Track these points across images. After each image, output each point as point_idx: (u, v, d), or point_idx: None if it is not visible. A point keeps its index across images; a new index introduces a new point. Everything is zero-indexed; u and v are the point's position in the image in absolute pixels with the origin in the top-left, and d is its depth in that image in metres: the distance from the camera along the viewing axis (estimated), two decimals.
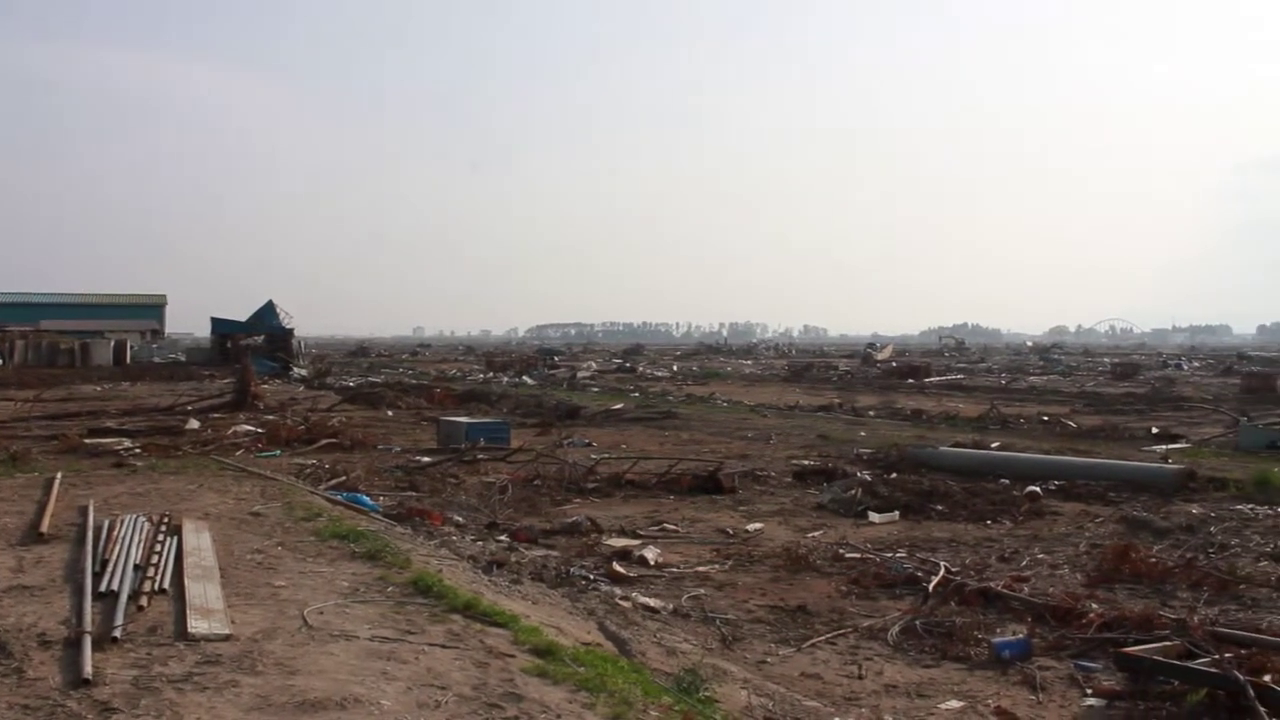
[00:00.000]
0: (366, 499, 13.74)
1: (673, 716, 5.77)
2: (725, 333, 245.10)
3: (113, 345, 65.50)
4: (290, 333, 64.09)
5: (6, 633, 6.80)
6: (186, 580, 8.08)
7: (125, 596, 7.56)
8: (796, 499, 15.37)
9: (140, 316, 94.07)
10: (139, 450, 18.96)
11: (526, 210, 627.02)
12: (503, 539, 12.12)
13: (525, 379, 50.72)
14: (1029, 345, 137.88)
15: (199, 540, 9.64)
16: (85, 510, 11.15)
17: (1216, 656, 6.98)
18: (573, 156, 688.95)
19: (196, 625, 6.91)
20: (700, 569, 10.92)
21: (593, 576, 10.28)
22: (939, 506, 14.33)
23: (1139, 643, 7.66)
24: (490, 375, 54.72)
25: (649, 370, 61.72)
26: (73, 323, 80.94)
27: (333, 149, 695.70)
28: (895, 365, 63.07)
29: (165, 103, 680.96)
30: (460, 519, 13.25)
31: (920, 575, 10.13)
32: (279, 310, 63.91)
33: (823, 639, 8.45)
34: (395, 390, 37.63)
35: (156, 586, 7.95)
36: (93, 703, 5.57)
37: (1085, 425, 26.22)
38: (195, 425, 24.19)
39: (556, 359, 76.09)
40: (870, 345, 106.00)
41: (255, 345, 59.22)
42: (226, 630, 6.86)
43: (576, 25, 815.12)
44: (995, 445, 21.39)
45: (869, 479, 16.06)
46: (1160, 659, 7.20)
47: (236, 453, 19.14)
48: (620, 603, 9.26)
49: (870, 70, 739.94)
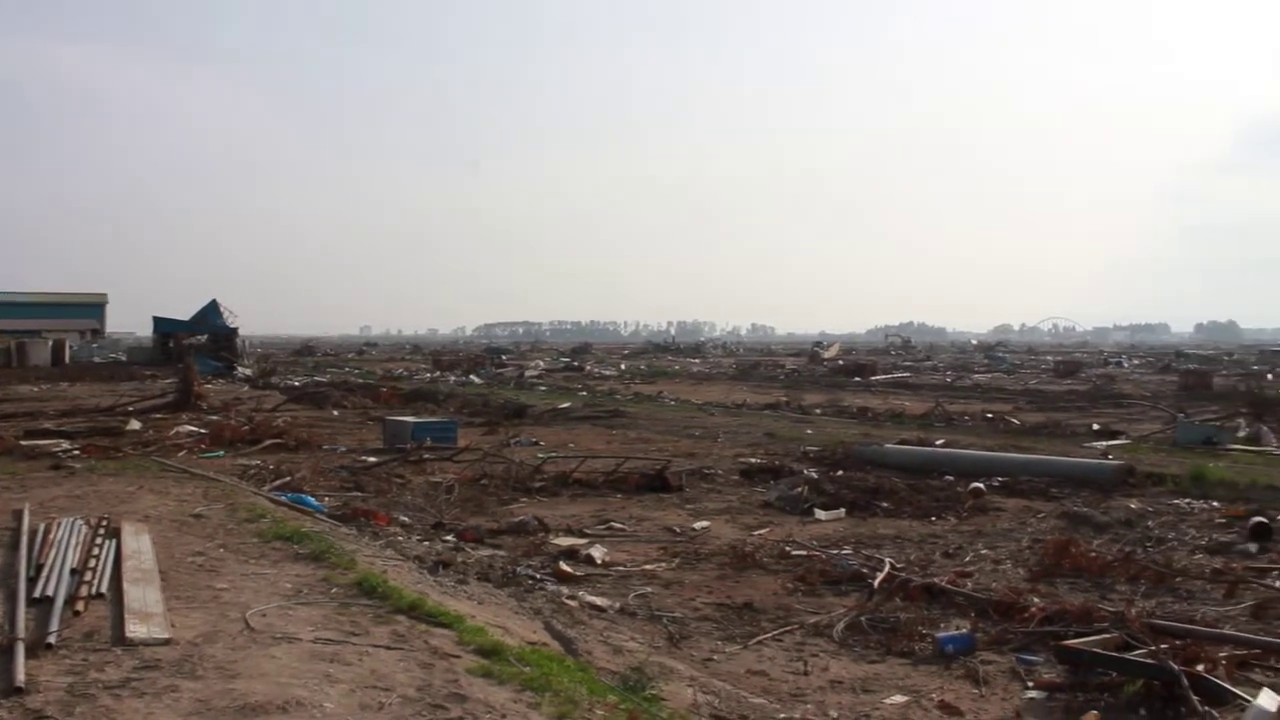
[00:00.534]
0: (311, 500, 13.60)
1: (618, 715, 5.76)
2: (673, 331, 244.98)
3: (51, 345, 64.21)
4: (234, 332, 63.12)
5: None
6: (125, 584, 7.94)
7: (61, 601, 7.42)
8: (743, 497, 15.43)
9: (80, 315, 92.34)
10: (77, 452, 18.61)
11: (475, 209, 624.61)
12: (449, 539, 12.06)
13: (473, 378, 50.42)
14: (974, 343, 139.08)
15: (138, 543, 9.49)
16: (20, 514, 10.91)
17: (1153, 648, 7.10)
18: (522, 156, 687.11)
19: (135, 630, 6.80)
20: (647, 567, 10.92)
21: (539, 576, 10.25)
22: (885, 503, 14.44)
23: (1079, 635, 7.78)
24: (437, 374, 54.34)
25: (597, 369, 61.64)
26: (9, 322, 79.14)
27: (279, 146, 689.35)
28: (842, 363, 63.45)
29: (105, 96, 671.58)
30: (406, 519, 13.16)
31: (866, 572, 10.20)
32: (223, 309, 62.93)
33: (769, 636, 8.49)
34: (341, 390, 37.25)
35: (94, 591, 7.81)
36: (26, 711, 5.45)
37: (1028, 422, 26.55)
38: (136, 426, 23.78)
39: (504, 358, 75.67)
40: (817, 344, 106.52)
41: (198, 344, 58.26)
42: (166, 634, 6.75)
43: (527, 26, 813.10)
44: (940, 442, 21.59)
45: (815, 477, 16.15)
46: (1098, 651, 7.32)
47: (179, 454, 18.85)
48: (567, 602, 9.24)
49: (817, 72, 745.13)
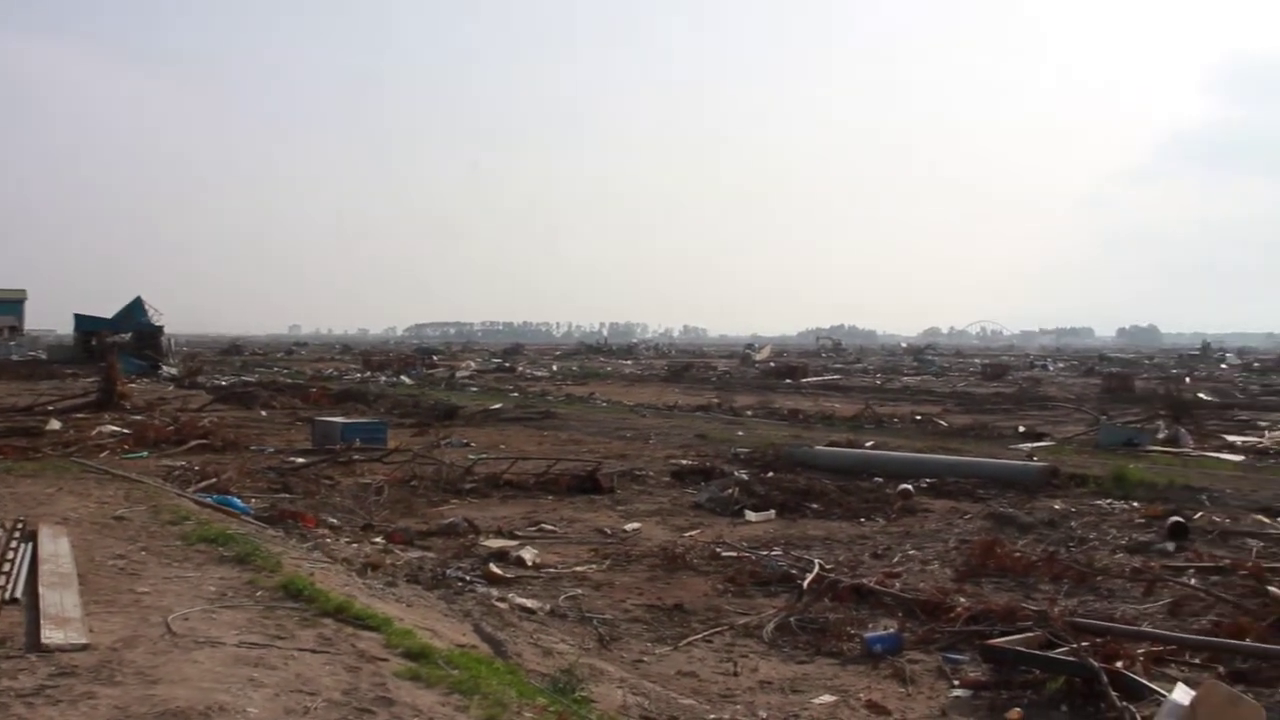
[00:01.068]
0: (238, 501, 13.38)
1: (547, 717, 5.74)
2: (606, 332, 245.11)
3: None
4: (159, 330, 61.93)
5: None
6: (41, 588, 7.74)
7: None
8: (674, 498, 15.46)
9: None
10: None
11: (406, 207, 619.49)
12: (378, 541, 11.94)
13: (403, 378, 50.00)
14: (903, 346, 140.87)
15: (56, 546, 9.26)
16: None
17: (1074, 646, 7.24)
18: (454, 153, 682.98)
19: (50, 635, 6.62)
20: (578, 569, 10.90)
21: (469, 578, 10.18)
22: (814, 505, 14.54)
23: (1003, 634, 7.91)
24: (368, 374, 53.82)
25: (528, 370, 61.45)
26: None
27: (205, 141, 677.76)
28: (773, 365, 63.88)
29: (23, 87, 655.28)
30: (335, 521, 13.00)
31: (795, 573, 10.27)
32: (148, 307, 61.73)
33: (699, 637, 8.51)
34: (269, 389, 36.71)
35: (8, 596, 7.60)
36: None
37: (956, 424, 26.93)
38: (56, 426, 23.20)
39: (435, 358, 75.10)
40: (749, 346, 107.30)
41: (122, 343, 57.03)
42: (83, 640, 6.59)
43: (460, 21, 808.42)
44: (870, 444, 21.80)
45: (746, 478, 16.22)
46: (1022, 649, 7.45)
47: (100, 455, 18.43)
48: (497, 604, 9.19)
49: (749, 75, 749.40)
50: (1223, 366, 70.12)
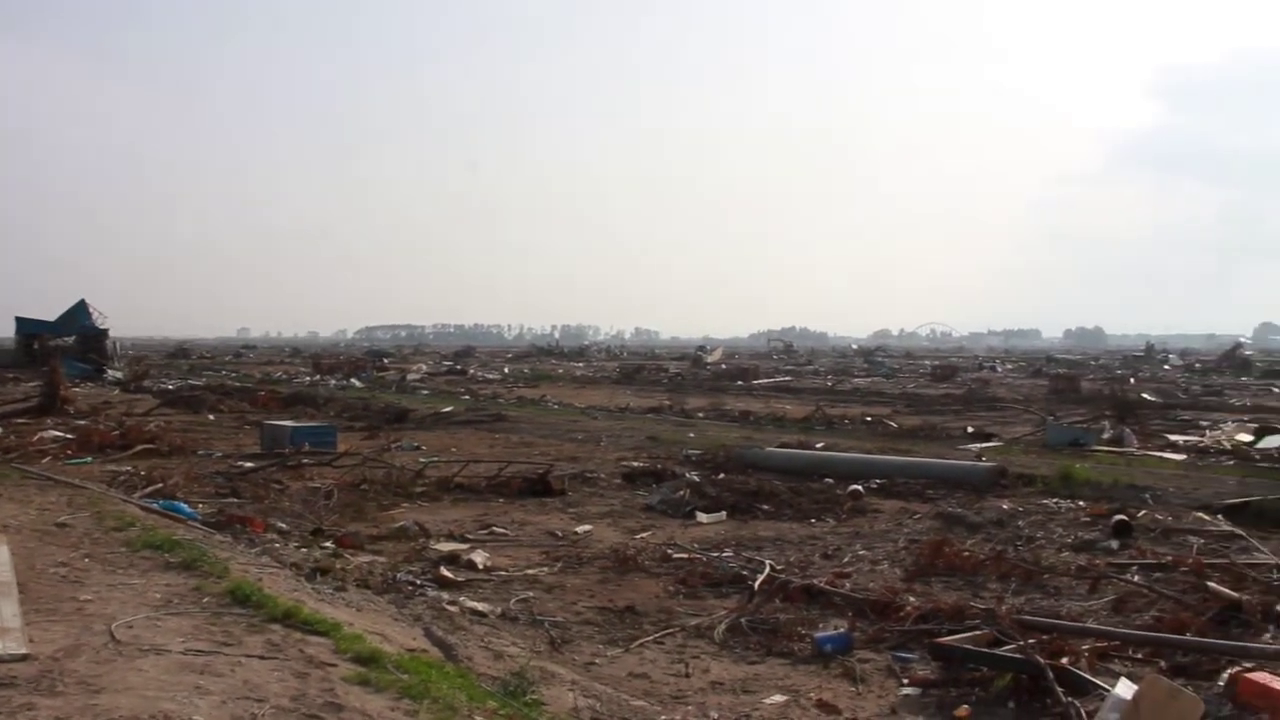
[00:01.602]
0: (184, 507, 13.21)
1: None
2: (558, 335, 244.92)
3: None
4: (104, 333, 61.08)
5: None
6: None
7: None
8: (626, 500, 15.47)
9: None
10: None
11: (357, 208, 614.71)
12: (328, 545, 11.83)
13: (353, 382, 49.69)
14: (854, 348, 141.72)
15: None
16: None
17: (1021, 643, 7.33)
18: (404, 155, 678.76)
19: None
20: (529, 572, 10.88)
21: (420, 582, 10.13)
22: (765, 506, 14.61)
23: (952, 633, 7.99)
24: (317, 378, 53.40)
25: (480, 373, 61.22)
26: None
27: (153, 141, 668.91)
28: (725, 368, 64.13)
29: None
30: (284, 526, 12.87)
31: (746, 574, 10.32)
32: (92, 310, 60.85)
33: (650, 639, 8.53)
34: (217, 393, 36.39)
35: None
36: None
37: (906, 425, 27.15)
38: None
39: (386, 361, 74.73)
40: (701, 348, 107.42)
41: (65, 346, 56.20)
42: (23, 650, 6.46)
43: (416, 21, 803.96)
44: (820, 445, 21.94)
45: (697, 480, 16.26)
46: (970, 647, 7.53)
47: (42, 460, 18.15)
48: (447, 608, 9.15)
49: (698, 76, 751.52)
50: (1166, 368, 71.23)
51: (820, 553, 11.80)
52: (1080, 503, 14.79)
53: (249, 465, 18.25)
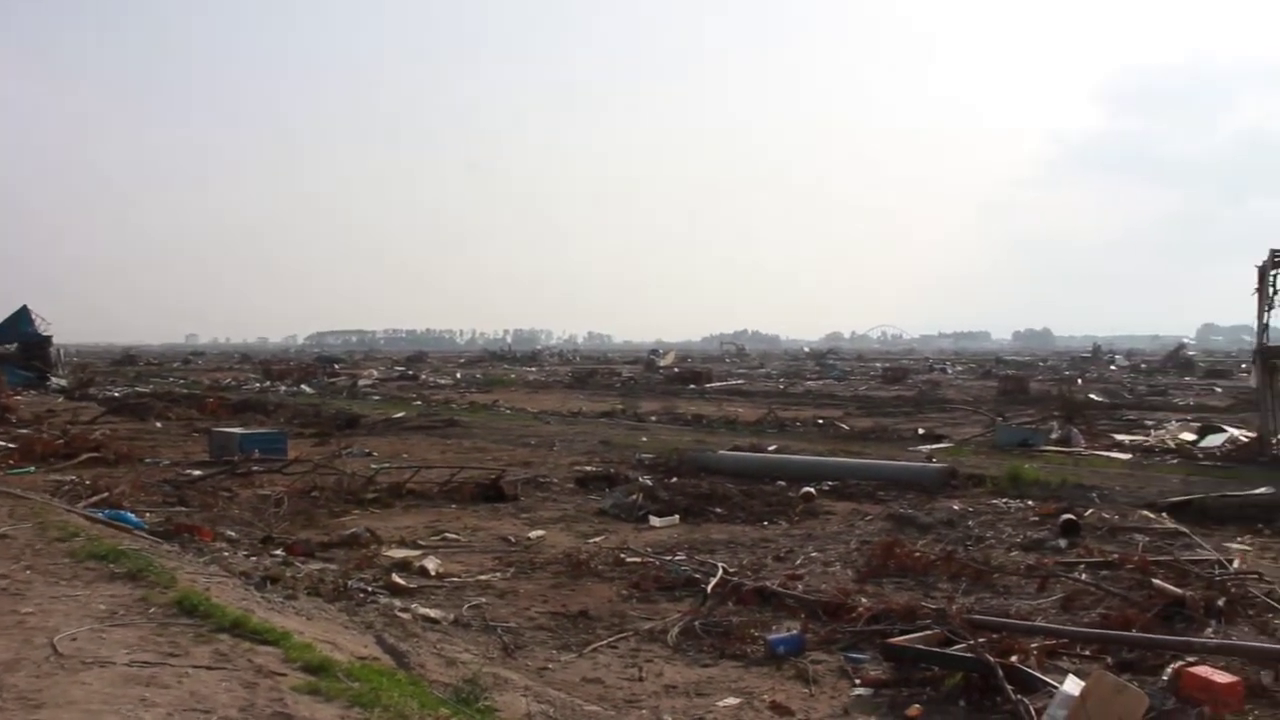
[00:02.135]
0: (131, 516, 13.01)
1: None
2: (510, 339, 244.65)
3: None
4: (47, 340, 60.01)
5: None
6: None
7: None
8: (579, 505, 15.44)
9: None
10: None
11: (308, 211, 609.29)
12: (278, 553, 11.70)
13: (304, 388, 49.32)
14: (806, 351, 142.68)
15: None
16: None
17: (971, 642, 7.39)
18: (355, 159, 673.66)
19: None
20: (482, 578, 10.82)
21: (371, 589, 10.04)
22: (718, 509, 14.64)
23: (904, 633, 8.04)
24: (267, 384, 52.95)
25: (432, 378, 60.94)
26: None
27: (97, 145, 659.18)
28: (677, 371, 64.15)
29: None
30: (233, 534, 12.72)
31: (699, 577, 10.32)
32: (34, 316, 59.78)
33: (604, 643, 8.50)
34: (164, 400, 36.03)
35: None
36: None
37: (858, 427, 27.34)
38: None
39: (337, 367, 74.20)
40: (653, 351, 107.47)
41: (7, 354, 55.21)
42: None
43: (366, 25, 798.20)
44: (773, 448, 22.04)
45: (650, 484, 16.27)
46: (921, 647, 7.59)
47: None
48: (399, 615, 9.07)
49: (648, 79, 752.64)
50: (1112, 368, 72.24)
51: (773, 555, 11.84)
52: (1029, 502, 14.97)
53: (197, 473, 18.03)
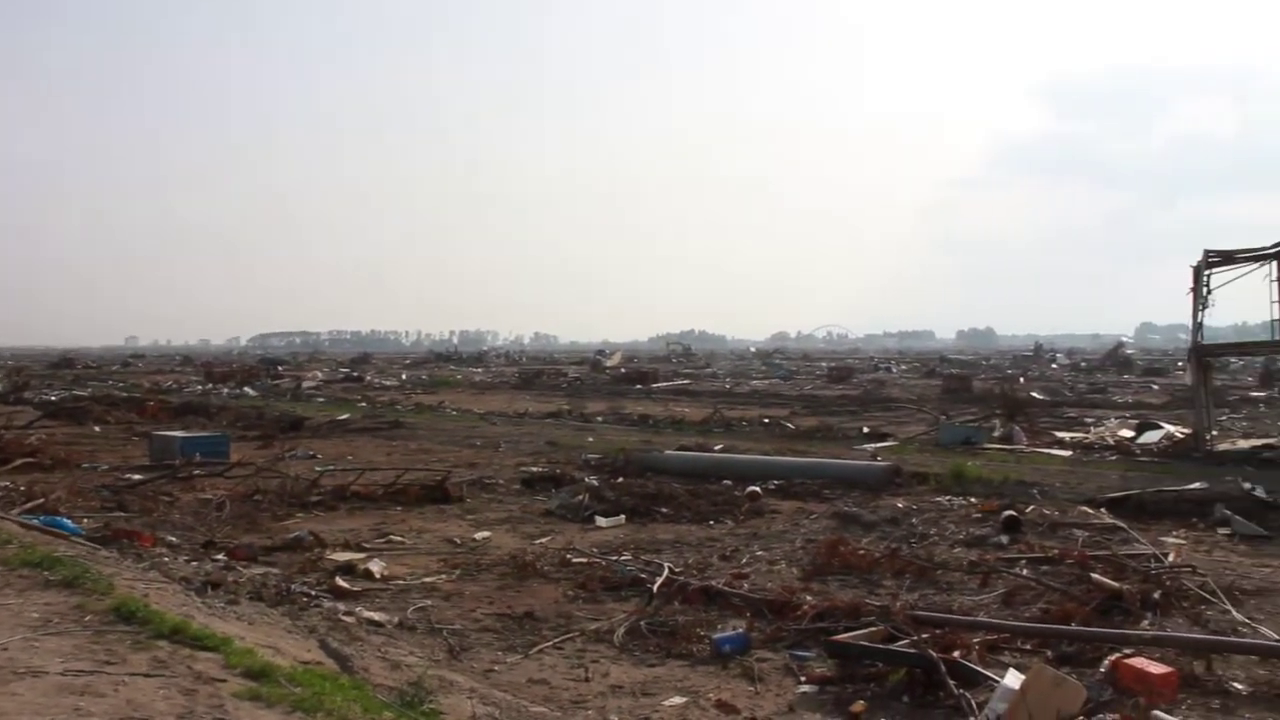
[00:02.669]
0: (67, 522, 12.77)
1: None
2: (456, 341, 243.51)
3: None
4: None
5: None
6: None
7: None
8: (525, 506, 15.40)
9: None
10: None
11: (249, 213, 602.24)
12: (220, 558, 11.57)
13: (247, 390, 48.77)
14: (752, 351, 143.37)
15: None
16: None
17: (915, 638, 7.47)
18: (296, 156, 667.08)
19: None
20: (427, 580, 10.77)
21: (315, 593, 9.95)
22: (664, 509, 14.67)
23: (848, 630, 8.11)
24: (209, 387, 52.27)
25: (377, 380, 60.52)
26: None
27: (31, 141, 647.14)
28: (624, 371, 64.23)
29: None
30: (174, 539, 12.56)
31: (645, 576, 10.33)
32: None
33: (550, 644, 8.49)
34: (103, 404, 35.49)
35: None
36: None
37: (803, 426, 27.51)
38: None
39: (280, 369, 73.35)
40: (600, 352, 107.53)
41: None
42: None
43: (310, 20, 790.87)
44: (719, 448, 22.12)
45: (596, 484, 16.28)
46: (865, 644, 7.66)
47: None
48: (344, 618, 9.00)
49: (599, 82, 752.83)
50: (1053, 366, 73.27)
51: (718, 554, 11.88)
52: (972, 499, 15.14)
53: (137, 478, 17.78)
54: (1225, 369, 51.94)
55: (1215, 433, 22.35)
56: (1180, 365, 57.61)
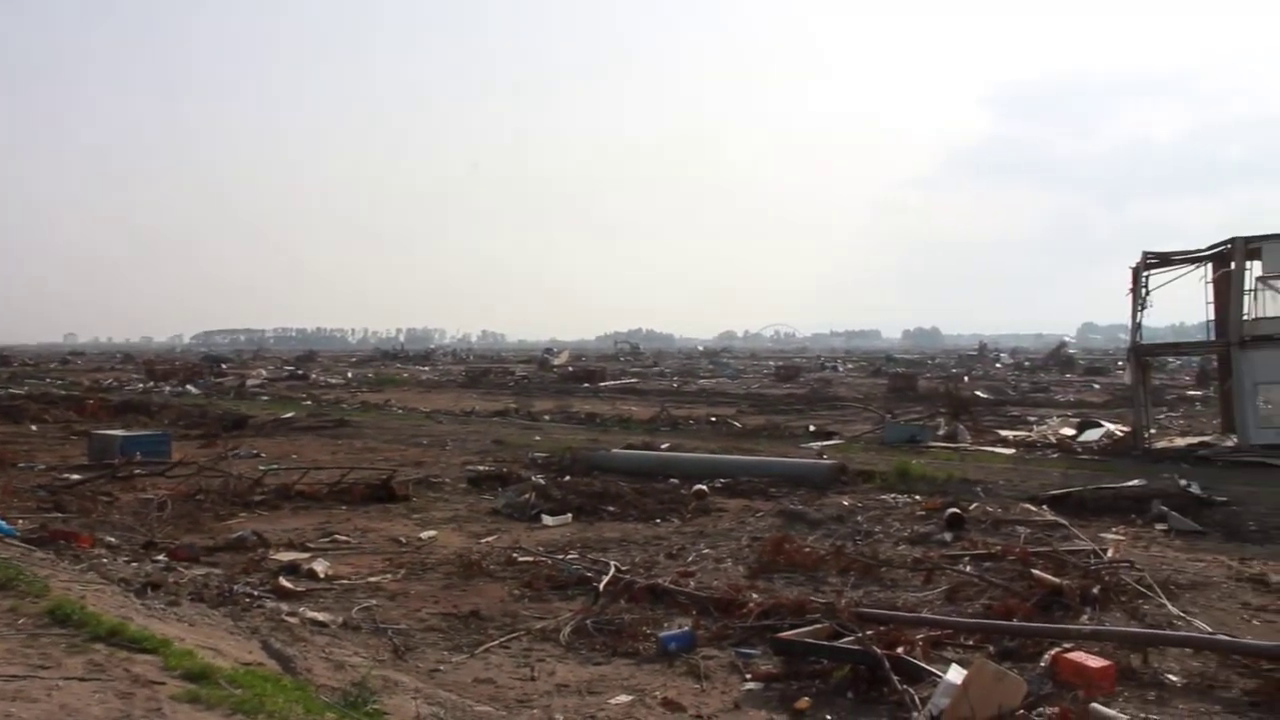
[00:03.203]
0: (2, 523, 12.53)
1: None
2: (403, 338, 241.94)
3: None
4: None
5: None
6: None
7: None
8: (471, 505, 15.34)
9: None
10: None
11: (193, 208, 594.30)
12: (160, 559, 11.42)
13: (189, 388, 48.13)
14: (700, 349, 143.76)
15: None
16: None
17: (859, 635, 7.52)
18: (239, 149, 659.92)
19: None
20: (372, 579, 10.69)
21: (258, 593, 9.84)
22: (611, 507, 14.68)
23: (794, 627, 8.16)
24: (151, 385, 51.47)
25: (323, 377, 60.00)
26: None
27: None
28: (572, 370, 64.13)
29: None
30: (113, 540, 12.37)
31: (591, 575, 10.32)
32: None
33: (496, 643, 8.46)
34: (41, 402, 34.92)
35: None
36: None
37: (750, 425, 27.62)
38: None
39: (224, 366, 72.57)
40: (547, 350, 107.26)
41: None
42: None
43: (262, 15, 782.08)
44: (666, 446, 22.14)
45: (543, 483, 16.25)
46: (810, 641, 7.71)
47: None
48: (287, 619, 8.91)
49: (552, 83, 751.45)
50: (998, 365, 74.22)
51: (665, 552, 11.90)
52: (916, 497, 15.30)
53: (75, 478, 17.50)
54: (1163, 369, 52.96)
55: (1153, 431, 22.74)
56: (1120, 365, 58.53)
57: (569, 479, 17.07)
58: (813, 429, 26.45)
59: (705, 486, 16.18)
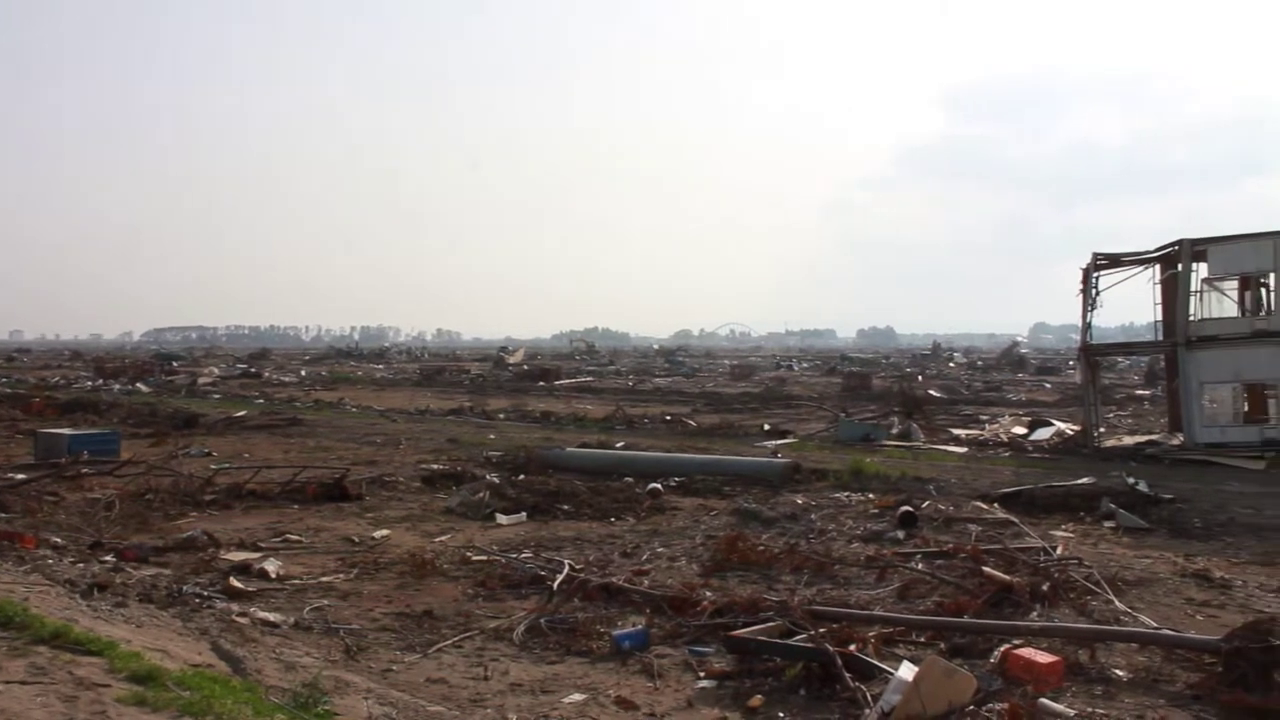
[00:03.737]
0: None
1: None
2: (357, 336, 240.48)
3: None
4: None
5: None
6: None
7: None
8: (425, 504, 15.26)
9: None
10: None
11: (144, 202, 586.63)
12: (108, 559, 11.26)
13: (140, 386, 47.56)
14: (656, 348, 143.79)
15: None
16: None
17: (812, 632, 7.55)
18: (194, 143, 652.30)
19: None
20: (324, 579, 10.60)
21: (208, 594, 9.73)
22: (565, 506, 14.66)
23: (747, 625, 8.17)
24: (100, 382, 50.79)
25: (276, 375, 59.50)
26: None
27: None
28: (527, 368, 63.99)
29: None
30: (59, 540, 12.17)
31: (545, 574, 10.30)
32: None
33: (449, 643, 8.41)
34: None
35: None
36: None
37: (705, 423, 27.69)
38: None
39: (175, 364, 71.81)
40: (503, 349, 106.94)
41: None
42: None
43: (219, 24, 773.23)
44: (620, 445, 22.16)
45: (497, 481, 16.19)
46: (763, 639, 7.73)
47: None
48: (237, 620, 8.82)
49: (510, 82, 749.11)
50: (951, 365, 74.91)
51: (619, 551, 11.90)
52: (870, 495, 15.40)
53: (20, 477, 17.16)
54: (1113, 368, 53.68)
55: (1103, 430, 23.07)
56: (1071, 364, 59.31)
57: (524, 478, 17.03)
58: (767, 428, 26.58)
59: (660, 485, 16.20)
